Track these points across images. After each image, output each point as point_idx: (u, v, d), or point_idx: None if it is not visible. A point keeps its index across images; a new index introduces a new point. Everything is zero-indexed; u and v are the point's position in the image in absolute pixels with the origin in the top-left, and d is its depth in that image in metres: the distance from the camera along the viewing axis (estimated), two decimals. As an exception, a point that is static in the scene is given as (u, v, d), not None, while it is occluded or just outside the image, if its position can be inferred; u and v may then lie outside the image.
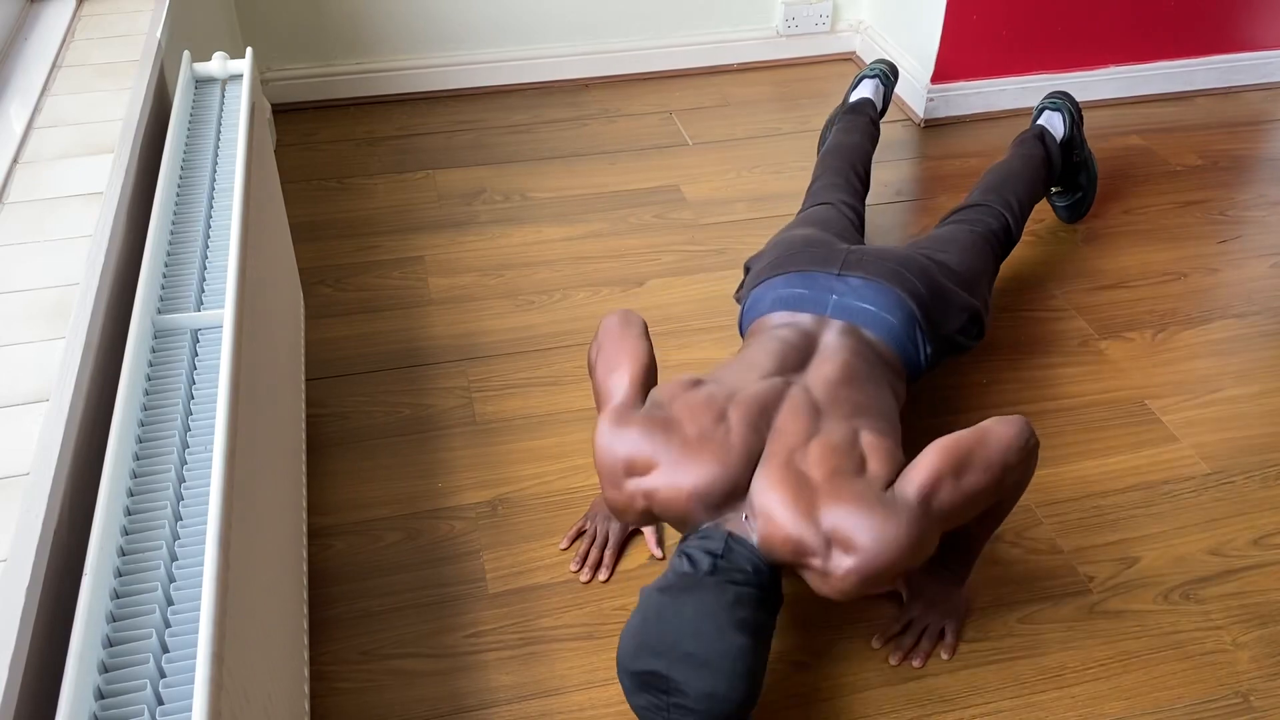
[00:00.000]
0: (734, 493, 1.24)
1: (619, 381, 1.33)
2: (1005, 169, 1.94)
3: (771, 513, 1.20)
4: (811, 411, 1.30)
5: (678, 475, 1.24)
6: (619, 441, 1.27)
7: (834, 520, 1.18)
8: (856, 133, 2.05)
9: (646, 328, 1.40)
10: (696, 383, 1.33)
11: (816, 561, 1.18)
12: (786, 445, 1.25)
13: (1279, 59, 2.69)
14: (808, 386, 1.34)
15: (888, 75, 2.20)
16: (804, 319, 1.49)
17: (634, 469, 1.26)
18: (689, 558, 1.21)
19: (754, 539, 1.22)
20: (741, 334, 1.61)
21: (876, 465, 1.23)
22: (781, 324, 1.50)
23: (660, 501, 1.25)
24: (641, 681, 1.15)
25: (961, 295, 1.59)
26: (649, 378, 1.35)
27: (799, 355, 1.42)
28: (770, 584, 1.21)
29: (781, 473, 1.22)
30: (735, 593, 1.17)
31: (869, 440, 1.26)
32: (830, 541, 1.18)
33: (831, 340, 1.45)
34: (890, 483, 1.21)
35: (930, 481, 1.19)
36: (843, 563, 1.17)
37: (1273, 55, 2.69)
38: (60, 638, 0.79)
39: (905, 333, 1.50)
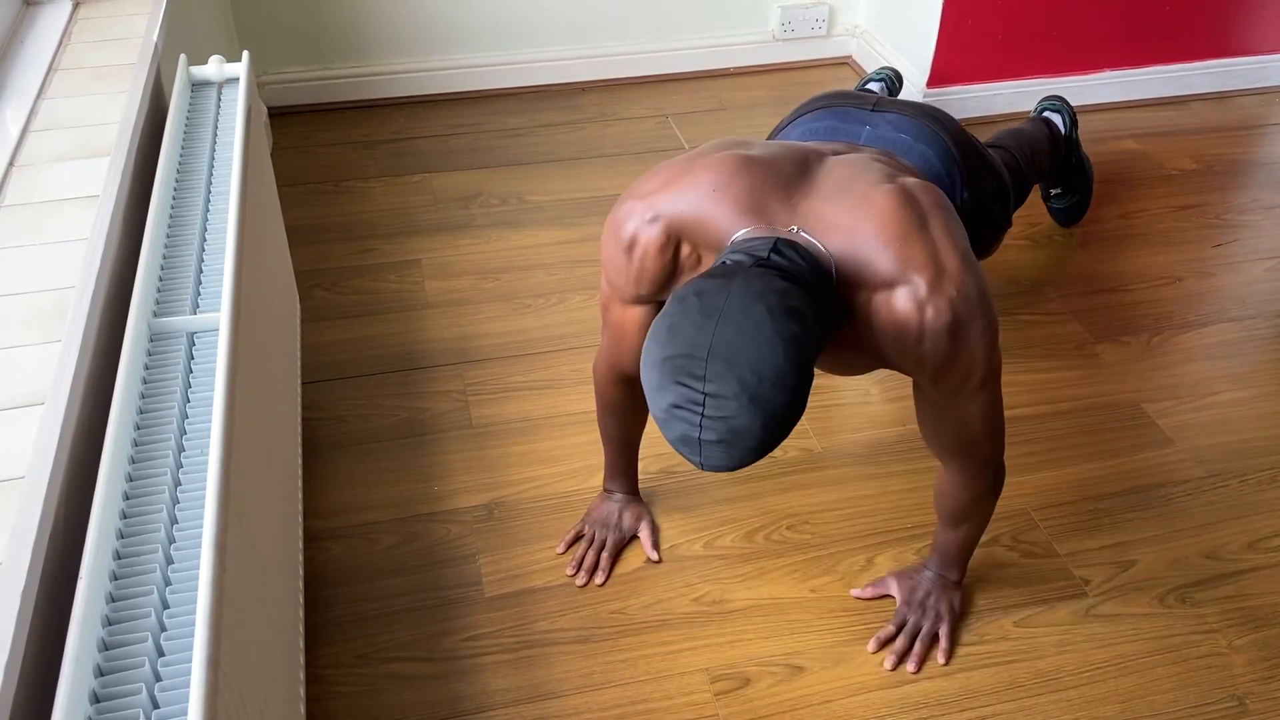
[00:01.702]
0: (772, 202, 1.08)
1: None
2: (1016, 129, 1.95)
3: (844, 221, 1.06)
4: (870, 158, 1.17)
5: (691, 178, 1.09)
6: (637, 189, 1.14)
7: (923, 246, 1.06)
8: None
9: None
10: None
11: (900, 281, 1.05)
12: (848, 170, 1.12)
13: (1274, 64, 2.70)
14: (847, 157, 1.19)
15: (893, 80, 2.21)
16: (836, 146, 1.29)
17: (638, 195, 1.13)
18: (729, 262, 1.02)
19: (817, 245, 1.06)
20: None
21: (958, 226, 1.13)
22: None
23: (674, 216, 1.09)
24: (674, 369, 0.95)
25: (994, 161, 1.51)
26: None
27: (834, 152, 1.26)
28: (824, 296, 1.03)
29: (853, 188, 1.09)
30: (786, 285, 0.97)
31: (938, 217, 1.12)
32: (907, 265, 1.06)
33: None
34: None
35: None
36: (937, 291, 1.05)
37: (1268, 60, 2.69)
38: (56, 641, 0.78)
39: (942, 165, 1.39)
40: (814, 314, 0.98)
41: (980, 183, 1.45)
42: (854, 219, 1.08)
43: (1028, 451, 1.70)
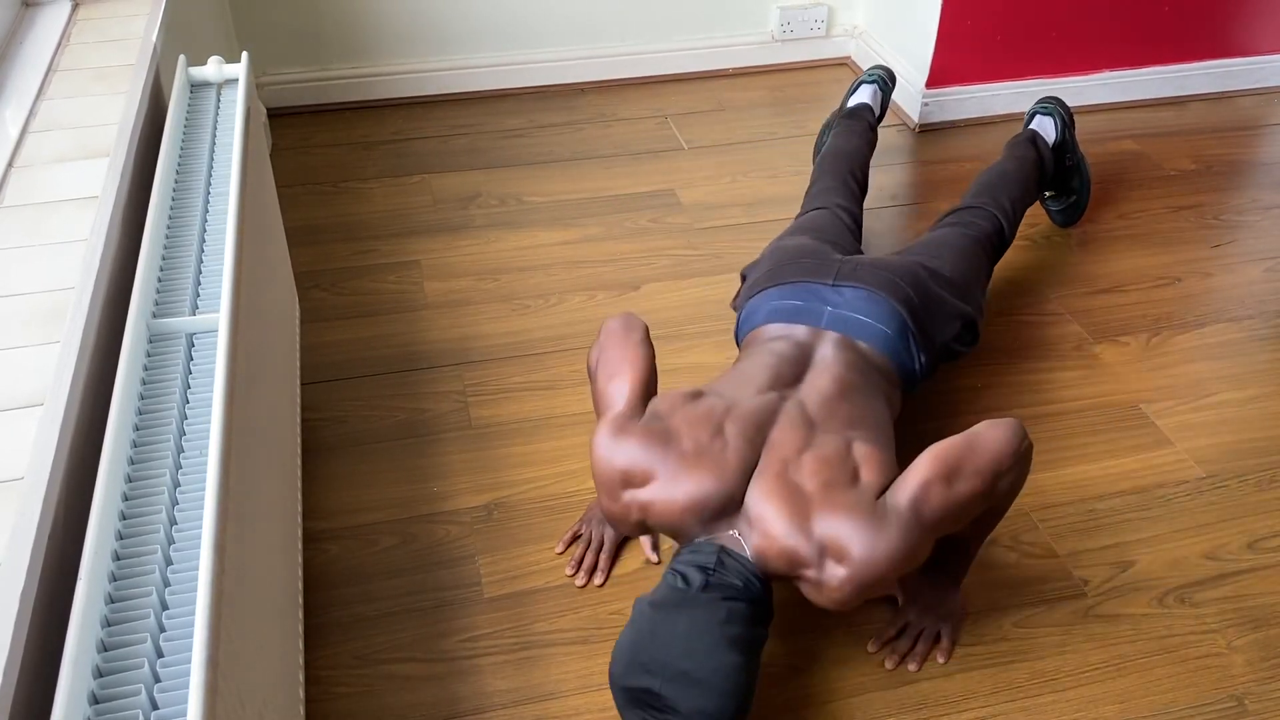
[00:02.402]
0: (728, 506, 1.24)
1: (619, 390, 1.33)
2: (998, 171, 1.95)
3: (766, 523, 1.21)
4: (806, 425, 1.30)
5: (673, 489, 1.24)
6: (617, 452, 1.27)
7: (827, 530, 1.18)
8: (855, 137, 2.06)
9: (648, 333, 1.40)
10: (696, 395, 1.34)
11: (810, 572, 1.19)
12: (780, 458, 1.26)
13: (1273, 64, 2.70)
14: (802, 401, 1.35)
15: (885, 81, 2.21)
16: (799, 331, 1.50)
17: (631, 480, 1.26)
18: (681, 575, 1.21)
19: (747, 551, 1.23)
20: (738, 343, 1.61)
21: (869, 475, 1.23)
22: (777, 336, 1.50)
23: (655, 514, 1.26)
24: (634, 698, 1.16)
25: (955, 303, 1.60)
26: (649, 387, 1.35)
27: (794, 369, 1.42)
28: (762, 597, 1.22)
29: (775, 484, 1.23)
30: (727, 609, 1.17)
31: (862, 451, 1.27)
32: (824, 552, 1.18)
33: (826, 353, 1.45)
34: (883, 492, 1.22)
35: (921, 490, 1.20)
36: (836, 572, 1.18)
37: (1266, 60, 2.70)
38: (55, 642, 0.78)
39: (900, 343, 1.51)
40: (756, 620, 1.19)
41: (939, 335, 1.58)
42: (779, 511, 1.21)
43: (1027, 452, 1.70)
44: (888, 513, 1.19)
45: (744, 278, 1.71)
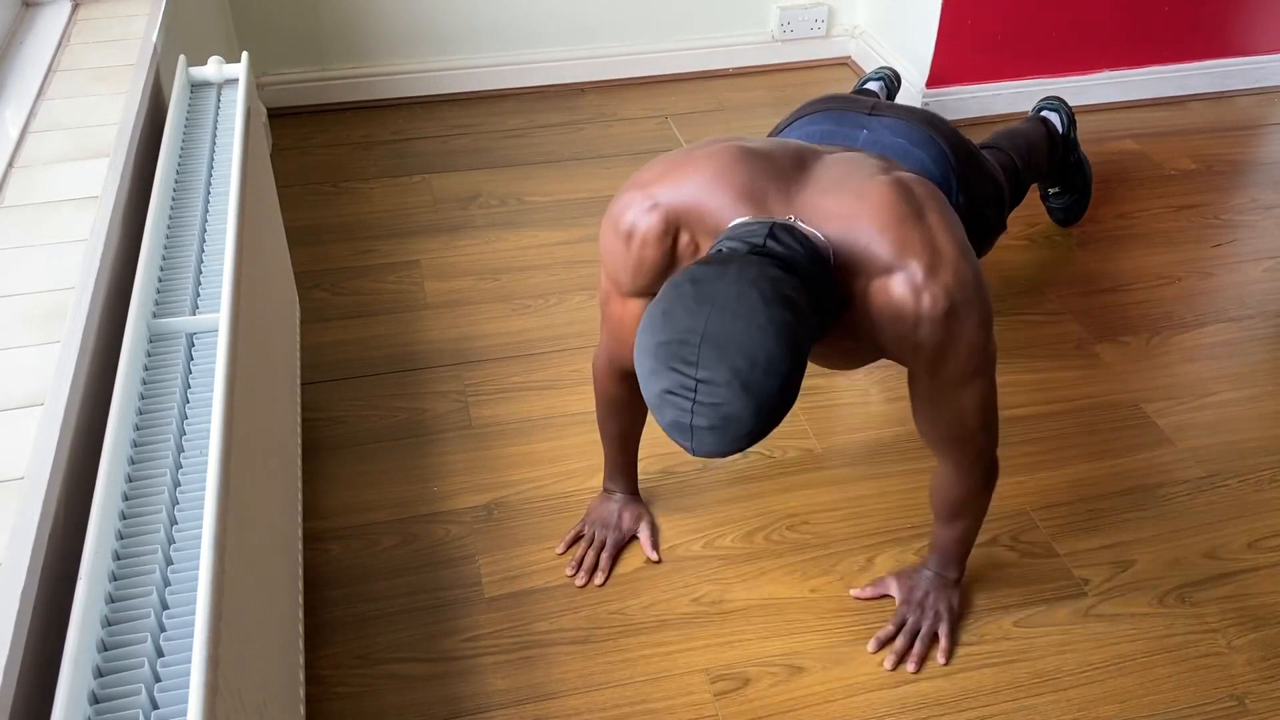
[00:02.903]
0: (769, 192, 1.09)
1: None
2: (1013, 128, 1.95)
3: (842, 210, 1.07)
4: (867, 157, 1.18)
5: (691, 169, 1.10)
6: (635, 180, 1.14)
7: (908, 231, 1.06)
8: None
9: None
10: None
11: (897, 269, 1.06)
12: (840, 171, 1.13)
13: (1273, 64, 2.70)
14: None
15: (891, 80, 2.21)
16: (833, 147, 1.30)
17: (638, 185, 1.14)
18: (723, 250, 1.02)
19: (811, 232, 1.06)
20: None
21: (957, 218, 1.14)
22: None
23: (672, 204, 1.10)
24: (667, 354, 0.94)
25: (990, 166, 1.52)
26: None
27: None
28: (821, 280, 1.03)
29: (839, 184, 1.09)
30: (779, 274, 0.97)
31: (933, 207, 1.14)
32: (906, 248, 1.06)
33: None
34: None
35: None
36: (933, 278, 1.06)
37: (1266, 60, 2.70)
38: (55, 642, 0.78)
39: (938, 170, 1.40)
40: (809, 301, 0.99)
41: (976, 187, 1.46)
42: (850, 208, 1.09)
43: (1027, 451, 1.70)
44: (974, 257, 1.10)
45: None
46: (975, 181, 1.46)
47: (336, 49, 2.59)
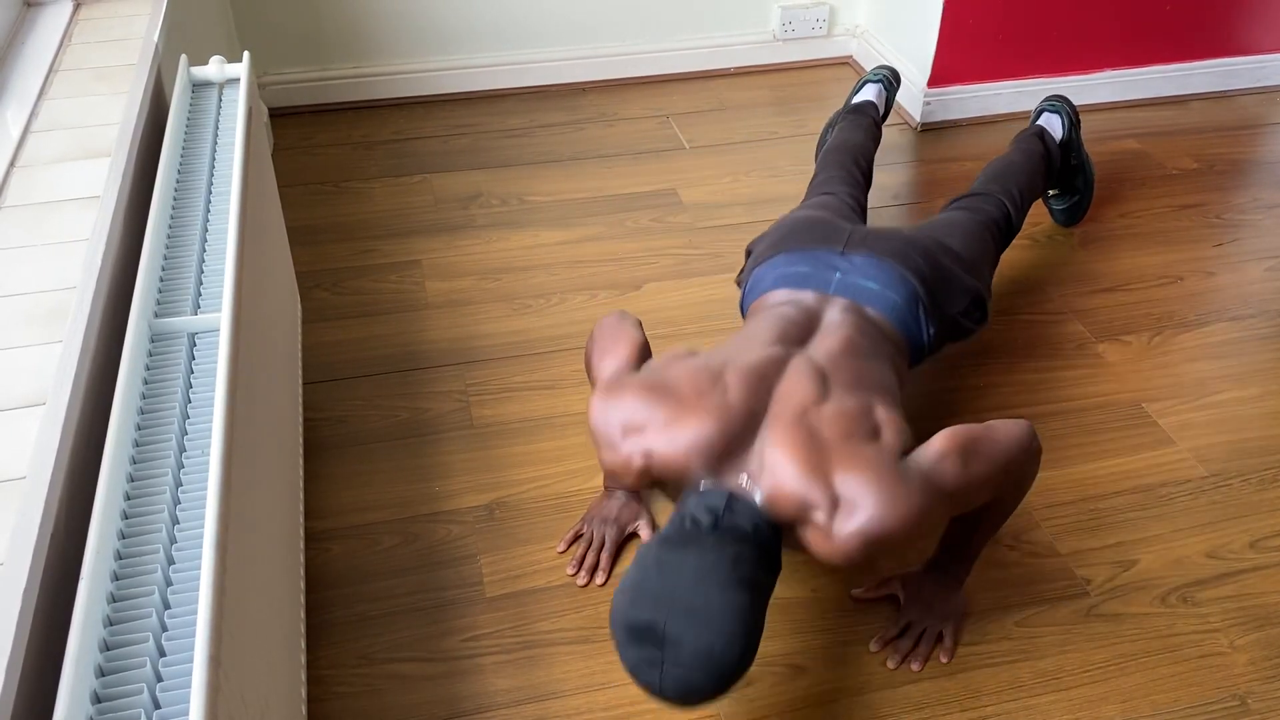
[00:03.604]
0: (733, 450, 1.20)
1: (613, 360, 1.32)
2: (1006, 161, 1.95)
3: (779, 467, 1.17)
4: (817, 378, 1.27)
5: (675, 430, 1.20)
6: (614, 405, 1.24)
7: (845, 479, 1.15)
8: (859, 131, 2.05)
9: (640, 324, 1.40)
10: (692, 353, 1.31)
11: (820, 518, 1.15)
12: (796, 405, 1.22)
13: (1274, 63, 2.70)
14: (811, 357, 1.31)
15: (890, 81, 2.21)
16: (806, 296, 1.46)
17: (630, 429, 1.23)
18: (690, 518, 1.17)
19: (757, 498, 1.18)
20: (743, 316, 1.59)
21: (890, 436, 1.21)
22: (783, 301, 1.47)
23: (658, 459, 1.21)
24: (637, 634, 1.10)
25: (964, 277, 1.57)
26: (643, 356, 1.33)
27: (801, 330, 1.39)
28: (772, 544, 1.17)
29: (791, 430, 1.19)
30: (736, 550, 1.12)
31: (882, 413, 1.24)
32: (837, 501, 1.15)
33: (835, 316, 1.42)
34: (903, 455, 1.20)
35: (940, 459, 1.18)
36: (848, 523, 1.14)
37: (1268, 59, 2.69)
38: (57, 642, 0.78)
39: (909, 311, 1.48)
40: (763, 567, 1.14)
41: (949, 308, 1.54)
42: (791, 456, 1.17)
43: (1029, 451, 1.70)
44: (909, 473, 1.16)
45: (749, 253, 1.68)
46: (948, 302, 1.54)
47: (337, 49, 2.59)
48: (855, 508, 1.15)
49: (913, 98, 2.57)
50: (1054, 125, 2.08)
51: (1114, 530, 1.58)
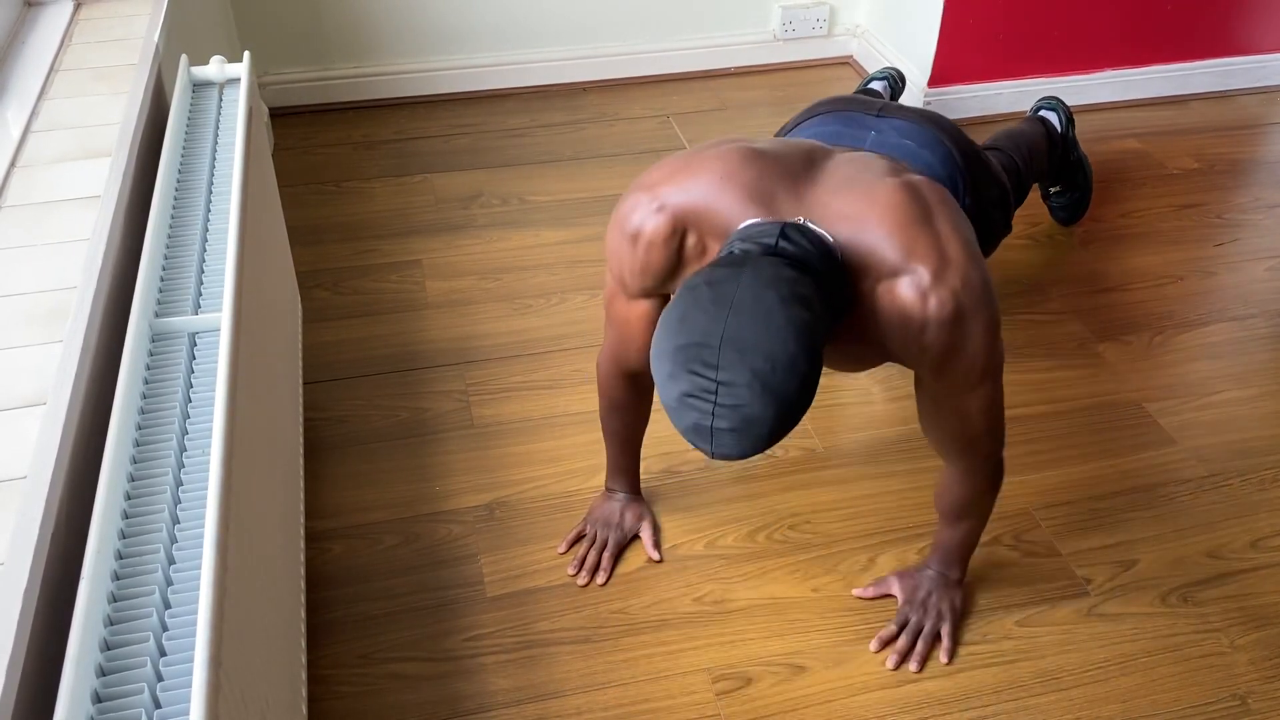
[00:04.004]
0: (782, 192, 1.09)
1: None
2: (1013, 128, 1.95)
3: (848, 209, 1.07)
4: (872, 157, 1.19)
5: (705, 167, 1.10)
6: (633, 186, 1.15)
7: (919, 234, 1.07)
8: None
9: None
10: None
11: (907, 273, 1.06)
12: (855, 167, 1.13)
13: (1274, 63, 2.70)
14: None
15: (896, 80, 2.21)
16: (841, 148, 1.31)
17: (655, 184, 1.14)
18: (736, 251, 1.03)
19: (822, 233, 1.07)
20: None
21: (965, 222, 1.14)
22: None
23: (690, 202, 1.10)
24: (686, 357, 0.95)
25: (995, 167, 1.52)
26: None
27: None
28: (832, 280, 1.04)
29: (849, 183, 1.10)
30: (795, 276, 0.98)
31: (942, 211, 1.14)
32: (911, 252, 1.06)
33: None
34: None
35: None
36: (944, 280, 1.06)
37: (1268, 59, 2.69)
38: (57, 641, 0.78)
39: (946, 174, 1.40)
40: (822, 301, 0.99)
41: (982, 190, 1.47)
42: (859, 209, 1.09)
43: (1029, 451, 1.70)
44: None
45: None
46: (982, 183, 1.46)
47: (338, 49, 2.59)
48: (946, 264, 1.06)
49: (913, 98, 2.57)
50: (1052, 119, 2.09)
51: (1114, 530, 1.58)
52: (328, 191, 2.33)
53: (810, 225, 1.07)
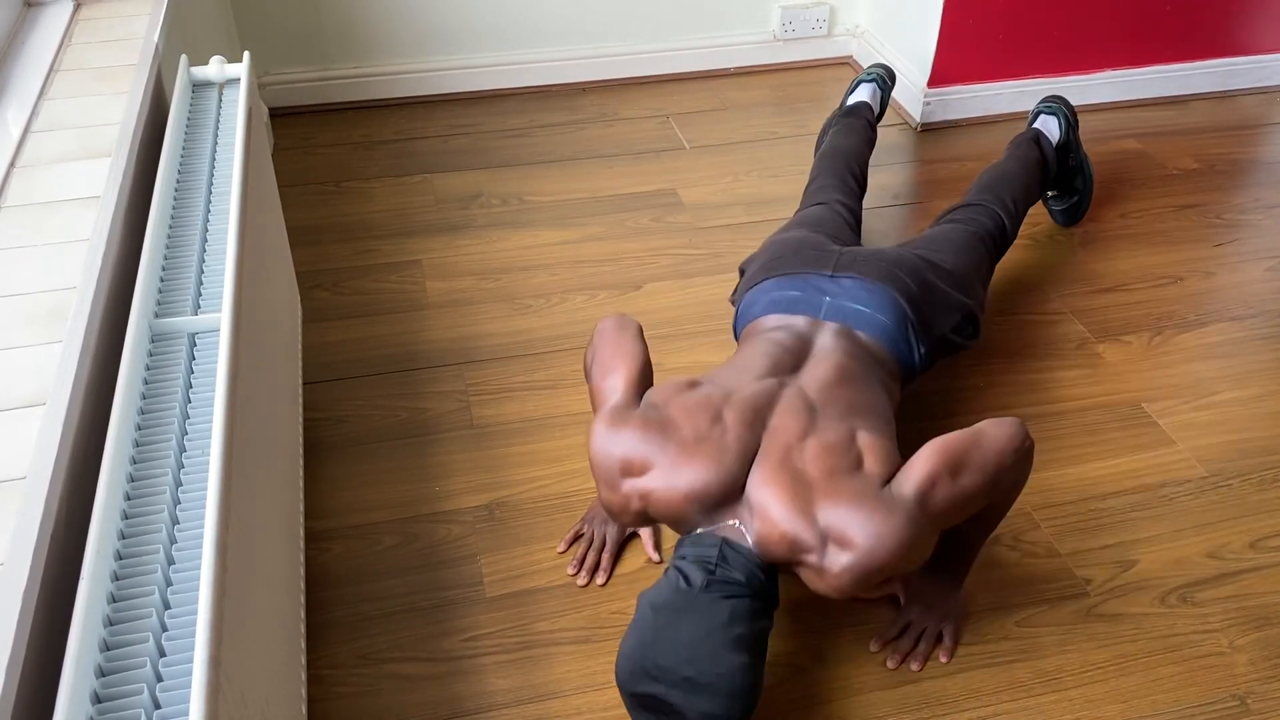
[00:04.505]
0: (730, 493, 1.23)
1: (615, 384, 1.33)
2: (1000, 170, 1.95)
3: (768, 509, 1.20)
4: (807, 411, 1.30)
5: (673, 477, 1.24)
6: (615, 443, 1.27)
7: (831, 517, 1.18)
8: (853, 135, 2.06)
9: (641, 331, 1.40)
10: (692, 384, 1.34)
11: (812, 558, 1.18)
12: (782, 443, 1.25)
13: (1274, 63, 2.70)
14: (802, 387, 1.34)
15: (884, 79, 2.21)
16: (798, 321, 1.49)
17: (630, 470, 1.26)
18: (683, 574, 1.21)
19: (749, 541, 1.22)
20: (736, 337, 1.61)
21: (873, 463, 1.23)
22: (775, 326, 1.50)
23: (656, 503, 1.25)
24: (641, 703, 1.17)
25: (955, 295, 1.59)
26: (645, 380, 1.35)
27: (793, 357, 1.42)
28: (766, 589, 1.21)
29: (777, 470, 1.22)
30: (730, 608, 1.17)
31: (865, 439, 1.26)
32: (826, 538, 1.18)
33: (825, 342, 1.45)
34: (887, 481, 1.21)
35: (927, 480, 1.19)
36: (839, 560, 1.17)
37: (1268, 59, 2.69)
38: (57, 642, 0.78)
39: (899, 333, 1.50)
40: (760, 613, 1.19)
41: (939, 326, 1.56)
42: (785, 499, 1.20)
43: (1029, 451, 1.70)
44: (893, 501, 1.18)
45: (742, 272, 1.71)
46: (938, 320, 1.56)
47: (337, 49, 2.59)
48: (844, 543, 1.17)
49: (913, 98, 2.57)
50: (1051, 128, 2.08)
51: (1114, 530, 1.58)
52: (327, 192, 2.33)
53: (743, 536, 1.22)
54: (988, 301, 1.80)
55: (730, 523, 1.24)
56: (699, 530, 1.25)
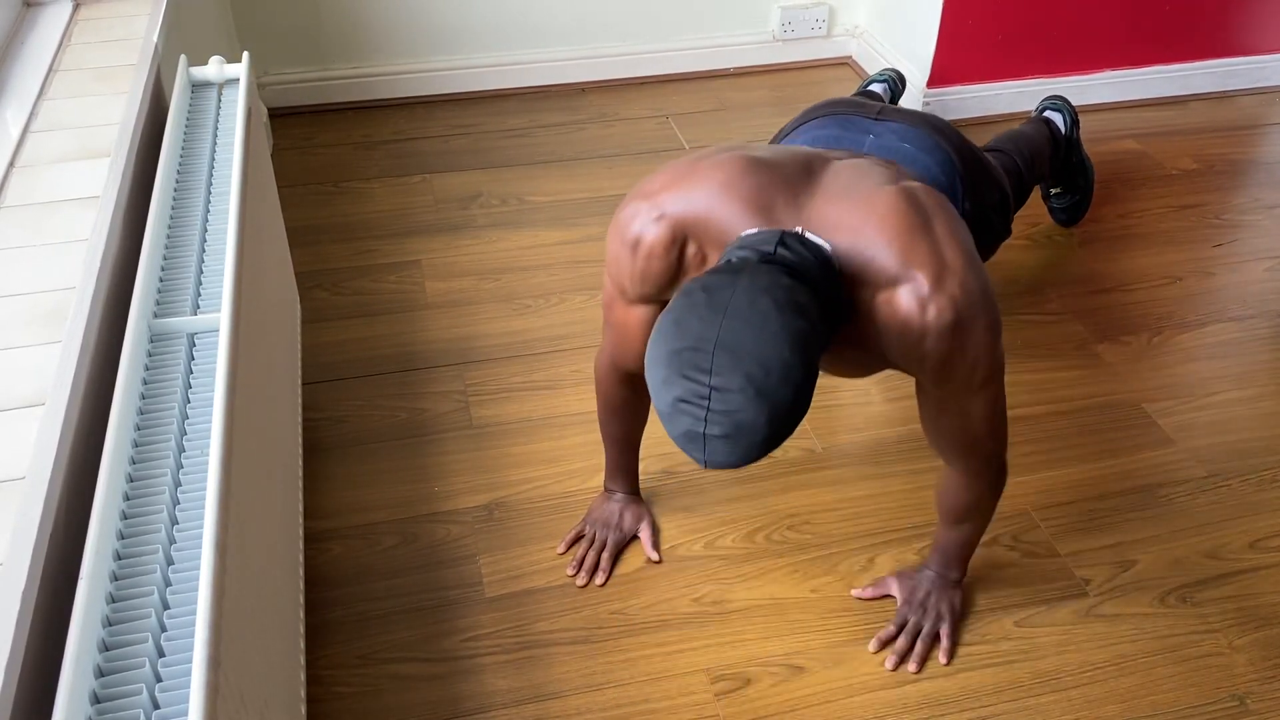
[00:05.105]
0: (780, 201, 1.09)
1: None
2: (1017, 131, 1.95)
3: (846, 219, 1.06)
4: (871, 163, 1.18)
5: (705, 176, 1.10)
6: (632, 194, 1.15)
7: (918, 243, 1.06)
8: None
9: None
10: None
11: (905, 283, 1.05)
12: (847, 180, 1.12)
13: (1274, 63, 2.70)
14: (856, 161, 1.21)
15: (896, 82, 2.21)
16: (840, 153, 1.29)
17: (654, 192, 1.13)
18: (735, 255, 1.03)
19: (820, 242, 1.06)
20: None
21: (963, 230, 1.13)
22: None
23: (690, 212, 1.09)
24: (680, 362, 0.95)
25: (994, 171, 1.51)
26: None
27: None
28: (829, 290, 1.03)
29: (846, 195, 1.09)
30: (791, 283, 0.97)
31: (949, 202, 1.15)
32: (910, 261, 1.06)
33: None
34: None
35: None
36: (943, 288, 1.05)
37: (1267, 60, 2.69)
38: (56, 642, 0.78)
39: (945, 179, 1.39)
40: (819, 310, 0.99)
41: (982, 194, 1.46)
42: (858, 218, 1.09)
43: (1028, 451, 1.70)
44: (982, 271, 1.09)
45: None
46: (981, 188, 1.46)
47: (337, 49, 2.59)
48: (945, 271, 1.05)
49: (913, 98, 2.57)
50: (1056, 120, 2.08)
51: (1113, 530, 1.58)
52: (327, 192, 2.33)
53: (809, 235, 1.06)
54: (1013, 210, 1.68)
55: (794, 227, 1.08)
56: (754, 230, 1.08)
